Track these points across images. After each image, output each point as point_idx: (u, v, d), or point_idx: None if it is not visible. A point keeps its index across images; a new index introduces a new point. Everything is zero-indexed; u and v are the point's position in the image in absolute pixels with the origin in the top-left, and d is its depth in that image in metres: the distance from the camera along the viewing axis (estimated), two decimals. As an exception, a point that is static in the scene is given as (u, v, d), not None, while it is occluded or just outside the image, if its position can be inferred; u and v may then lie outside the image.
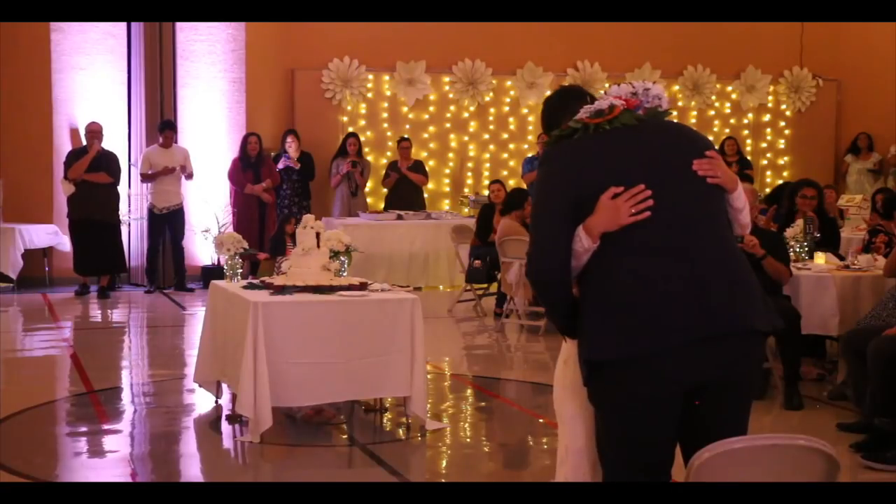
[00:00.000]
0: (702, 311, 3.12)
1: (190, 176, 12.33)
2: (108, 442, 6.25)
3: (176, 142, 12.39)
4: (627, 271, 3.16)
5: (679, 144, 3.33)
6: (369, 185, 13.97)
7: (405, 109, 14.48)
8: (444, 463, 6.09)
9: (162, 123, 12.45)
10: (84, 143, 11.96)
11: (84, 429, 6.55)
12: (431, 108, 14.59)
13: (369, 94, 14.33)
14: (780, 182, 13.87)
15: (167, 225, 12.35)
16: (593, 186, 3.20)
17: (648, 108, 3.38)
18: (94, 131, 11.87)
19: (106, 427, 6.59)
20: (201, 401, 7.07)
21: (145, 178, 12.32)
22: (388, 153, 14.26)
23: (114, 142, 12.38)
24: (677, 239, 3.18)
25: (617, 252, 3.18)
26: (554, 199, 3.26)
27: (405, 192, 13.57)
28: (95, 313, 11.14)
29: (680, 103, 15.54)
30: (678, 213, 3.20)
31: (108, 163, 11.85)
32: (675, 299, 3.12)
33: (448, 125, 14.66)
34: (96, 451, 6.08)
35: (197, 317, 10.11)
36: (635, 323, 3.12)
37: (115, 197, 12.05)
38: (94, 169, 11.74)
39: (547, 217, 3.26)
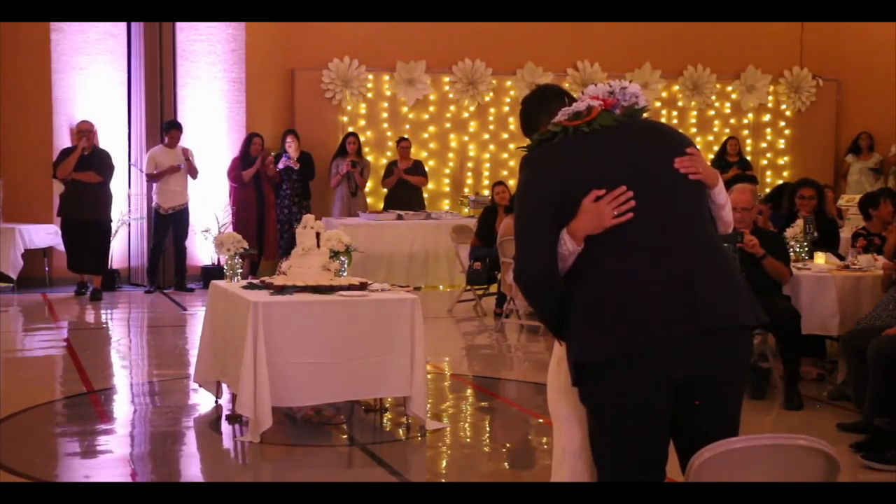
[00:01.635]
0: (687, 309, 3.13)
1: (195, 173, 12.31)
2: (109, 442, 6.25)
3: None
4: (612, 272, 3.18)
5: (659, 143, 3.34)
6: (369, 185, 13.97)
7: (405, 109, 14.48)
8: (444, 463, 6.08)
9: (167, 123, 12.44)
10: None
11: (84, 429, 6.54)
12: (431, 108, 14.59)
13: (369, 94, 14.33)
14: (780, 182, 13.88)
15: (171, 225, 12.35)
16: (575, 189, 3.22)
17: (626, 106, 3.39)
18: (83, 130, 11.74)
19: (106, 427, 6.59)
20: (201, 401, 7.07)
21: (151, 177, 12.31)
22: (388, 153, 14.26)
23: (114, 142, 12.38)
24: (661, 238, 3.19)
25: (601, 253, 3.19)
26: (537, 202, 3.27)
27: (405, 192, 13.58)
28: (96, 313, 11.13)
29: (680, 103, 15.55)
30: (661, 212, 3.21)
31: (98, 161, 11.69)
32: (660, 297, 3.13)
33: (448, 125, 14.67)
34: (96, 451, 6.08)
35: (197, 317, 10.11)
36: (621, 322, 3.14)
37: (107, 196, 11.86)
38: (84, 167, 11.59)
39: (531, 221, 3.28)
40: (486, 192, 13.13)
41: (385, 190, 13.80)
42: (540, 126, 3.48)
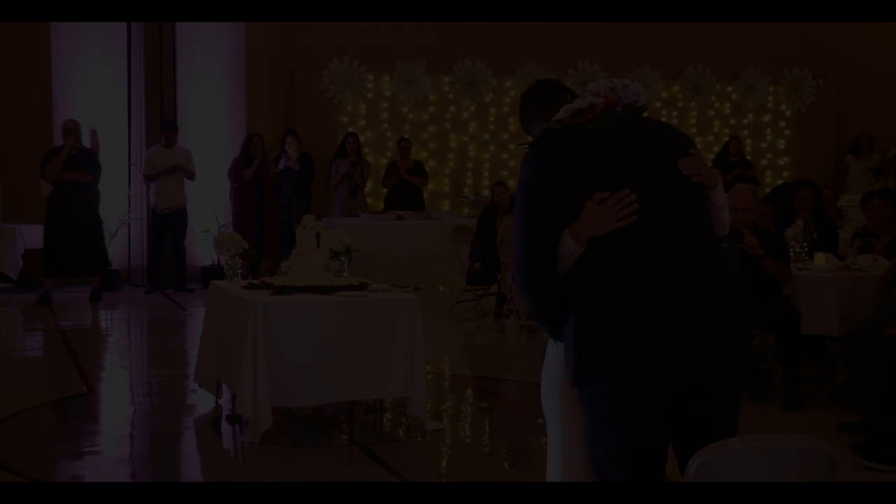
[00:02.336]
0: (687, 311, 3.14)
1: (192, 176, 12.30)
2: (108, 442, 6.25)
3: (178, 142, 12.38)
4: (613, 273, 3.17)
5: (662, 144, 3.33)
6: (369, 185, 13.96)
7: (405, 110, 14.48)
8: (444, 463, 6.09)
9: (164, 123, 12.43)
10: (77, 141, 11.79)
11: (84, 429, 6.54)
12: (431, 109, 14.59)
13: (369, 95, 14.32)
14: (780, 182, 13.87)
15: (169, 225, 12.33)
16: (578, 189, 3.21)
17: (626, 104, 3.38)
18: (69, 129, 11.49)
19: (106, 427, 6.59)
20: (201, 401, 7.06)
21: (148, 178, 12.29)
22: (388, 153, 14.26)
23: (113, 142, 12.38)
24: (663, 239, 3.19)
25: (603, 255, 3.19)
26: (538, 201, 3.25)
27: (405, 192, 13.57)
28: (96, 313, 11.13)
29: (680, 103, 15.55)
30: (664, 213, 3.21)
31: (86, 160, 11.51)
32: (660, 300, 3.13)
33: (448, 125, 14.66)
34: (96, 451, 6.08)
35: (197, 317, 10.11)
36: (621, 324, 3.14)
37: (95, 195, 11.67)
38: (73, 167, 11.37)
39: (531, 220, 3.26)
40: (486, 193, 13.12)
41: (385, 190, 13.80)
42: (540, 122, 3.46)
